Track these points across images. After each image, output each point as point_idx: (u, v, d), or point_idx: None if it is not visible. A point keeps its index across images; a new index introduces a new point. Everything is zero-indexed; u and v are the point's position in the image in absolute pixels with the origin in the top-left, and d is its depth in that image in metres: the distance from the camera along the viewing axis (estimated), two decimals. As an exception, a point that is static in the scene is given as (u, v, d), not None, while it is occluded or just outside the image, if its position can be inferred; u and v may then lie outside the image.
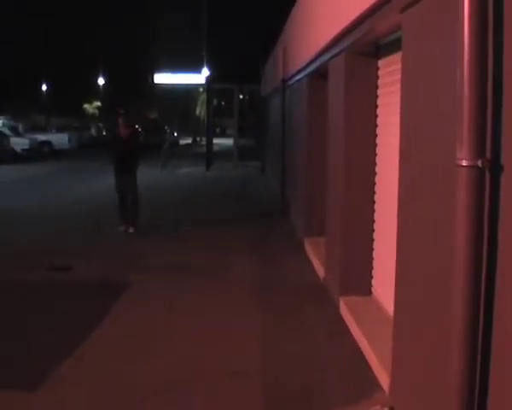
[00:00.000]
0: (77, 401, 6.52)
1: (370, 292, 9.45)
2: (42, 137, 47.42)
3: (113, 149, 16.29)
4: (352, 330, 8.55)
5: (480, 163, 3.96)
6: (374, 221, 9.33)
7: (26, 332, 8.60)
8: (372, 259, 9.41)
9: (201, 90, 61.72)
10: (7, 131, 44.06)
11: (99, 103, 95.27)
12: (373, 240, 9.37)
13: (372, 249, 9.40)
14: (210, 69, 40.62)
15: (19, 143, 42.09)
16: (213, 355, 7.79)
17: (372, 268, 9.43)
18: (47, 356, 7.67)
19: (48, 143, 47.30)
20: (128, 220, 15.81)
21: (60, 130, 53.40)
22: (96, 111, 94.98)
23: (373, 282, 9.44)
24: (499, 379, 3.95)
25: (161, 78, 48.61)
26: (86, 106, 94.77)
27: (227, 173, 34.24)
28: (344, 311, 9.18)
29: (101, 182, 27.73)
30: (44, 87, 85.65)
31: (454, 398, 4.18)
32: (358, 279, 9.49)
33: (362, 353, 7.75)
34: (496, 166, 3.92)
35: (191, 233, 16.02)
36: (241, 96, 62.55)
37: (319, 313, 9.50)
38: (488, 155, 3.98)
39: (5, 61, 69.81)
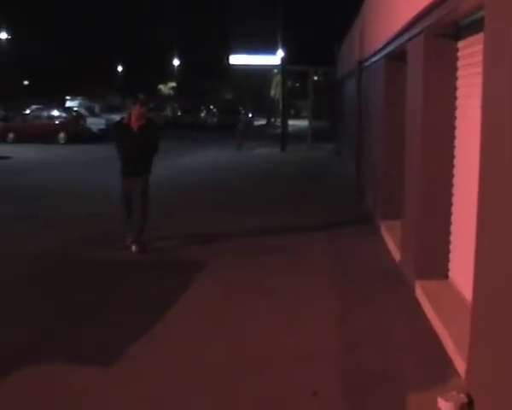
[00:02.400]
0: (149, 379, 6.61)
1: (447, 276, 9.34)
2: (117, 117, 47.80)
3: (119, 144, 12.13)
4: (427, 313, 8.47)
5: None
6: (452, 204, 9.21)
7: (105, 309, 8.79)
8: (449, 242, 9.29)
9: (276, 71, 61.60)
10: (83, 112, 44.72)
11: (174, 84, 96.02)
12: (450, 223, 9.25)
13: (449, 233, 9.28)
14: (285, 51, 40.53)
15: (95, 123, 42.63)
16: (288, 338, 7.81)
17: (449, 252, 9.32)
18: (121, 334, 7.81)
19: (124, 123, 47.68)
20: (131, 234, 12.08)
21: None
22: (171, 92, 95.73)
23: (450, 266, 9.33)
24: None
25: (236, 59, 48.78)
26: (161, 86, 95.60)
27: (302, 155, 34.17)
28: (420, 294, 9.10)
29: (175, 161, 28.10)
30: (120, 69, 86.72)
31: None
32: (435, 263, 9.40)
33: (438, 337, 7.67)
34: None
35: (269, 211, 16.10)
36: (315, 78, 62.29)
37: (395, 296, 9.43)
38: None
39: (82, 44, 70.93)
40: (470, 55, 8.26)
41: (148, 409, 6.00)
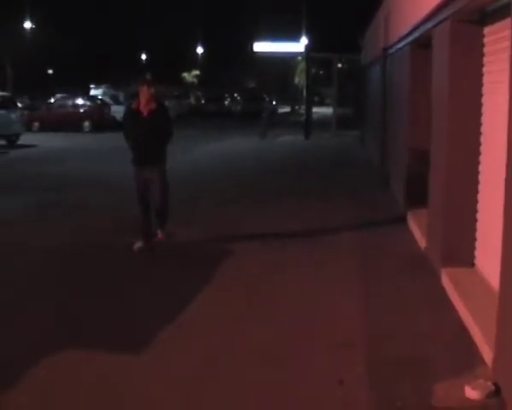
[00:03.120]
0: (176, 366, 6.66)
1: (473, 264, 9.30)
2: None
3: (129, 132, 11.41)
4: (453, 301, 8.44)
5: None
6: (478, 192, 9.15)
7: (125, 296, 8.85)
8: (475, 230, 9.24)
9: (300, 58, 61.47)
10: (108, 100, 44.87)
11: (198, 72, 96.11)
12: (477, 211, 9.20)
13: (476, 220, 9.23)
14: (309, 38, 40.39)
15: (120, 111, 42.66)
16: (312, 326, 7.82)
17: (475, 239, 9.27)
18: (149, 321, 7.88)
19: (148, 111, 47.73)
20: (150, 233, 11.37)
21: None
22: (195, 80, 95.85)
23: (476, 253, 9.28)
24: None
25: (260, 46, 48.64)
26: (185, 75, 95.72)
27: (326, 142, 34.08)
28: (446, 282, 9.06)
29: (200, 149, 28.18)
30: (144, 57, 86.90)
31: None
32: (461, 251, 9.35)
33: (464, 325, 7.63)
34: None
35: (294, 199, 16.13)
36: (339, 65, 62.14)
37: (420, 284, 9.39)
38: None
39: (107, 32, 71.13)
40: (497, 41, 8.20)
41: (173, 395, 6.04)
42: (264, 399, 6.00)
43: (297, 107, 73.32)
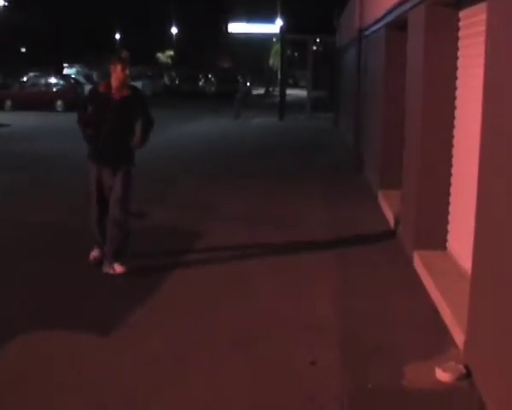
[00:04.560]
0: (147, 348, 6.63)
1: (445, 247, 9.34)
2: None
3: (90, 119, 9.08)
4: (426, 284, 8.47)
5: None
6: (451, 175, 9.18)
7: (96, 279, 8.78)
8: (448, 213, 9.27)
9: (275, 40, 61.34)
10: (82, 79, 44.57)
11: (172, 52, 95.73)
12: (449, 194, 9.23)
13: (448, 203, 9.26)
14: (284, 19, 40.32)
15: (93, 90, 42.44)
16: (285, 308, 7.82)
17: (448, 223, 9.30)
18: (120, 303, 7.83)
19: (122, 91, 47.40)
20: (103, 246, 9.15)
21: (133, 78, 53.86)
22: (169, 60, 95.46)
23: (448, 237, 9.31)
24: None
25: (235, 27, 48.52)
26: (159, 55, 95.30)
27: (300, 124, 34.10)
28: (418, 265, 9.09)
29: (175, 130, 28.14)
30: (118, 36, 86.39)
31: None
32: (433, 233, 9.38)
33: (436, 308, 7.67)
34: None
35: (268, 180, 16.14)
36: (314, 47, 61.95)
37: (392, 266, 9.43)
38: None
39: (80, 11, 70.57)
40: (472, 25, 8.20)
41: (143, 376, 6.01)
42: (235, 380, 6.00)
43: (271, 89, 73.19)
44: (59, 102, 39.75)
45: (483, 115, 6.06)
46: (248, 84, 63.36)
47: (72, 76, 46.48)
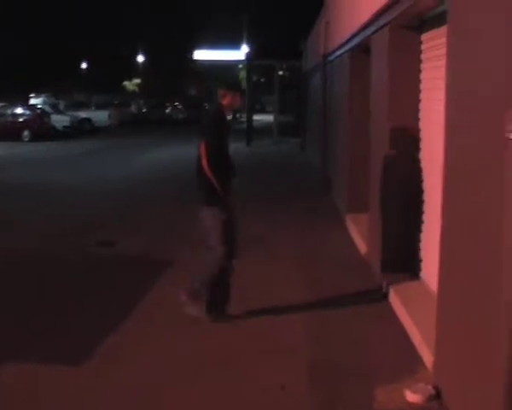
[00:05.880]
0: (120, 376, 6.58)
1: (413, 269, 9.36)
2: (82, 114, 47.76)
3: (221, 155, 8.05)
4: (394, 306, 8.50)
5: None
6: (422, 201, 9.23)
7: (68, 307, 8.68)
8: (419, 240, 9.32)
9: (241, 66, 61.55)
10: (48, 109, 44.39)
11: (139, 80, 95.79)
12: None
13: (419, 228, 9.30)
14: (250, 45, 40.48)
15: (59, 120, 42.37)
16: (256, 328, 7.82)
17: (419, 249, 9.33)
18: (92, 331, 7.75)
19: (88, 120, 47.37)
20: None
21: (100, 107, 53.91)
22: (136, 88, 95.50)
23: (420, 262, 9.34)
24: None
25: (201, 54, 48.61)
26: (126, 83, 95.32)
27: (267, 149, 34.15)
28: (386, 287, 9.11)
29: (145, 156, 28.10)
30: (84, 65, 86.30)
31: (500, 381, 4.13)
32: (400, 256, 9.41)
33: (405, 329, 7.70)
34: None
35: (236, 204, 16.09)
36: (280, 73, 62.17)
37: (361, 290, 9.42)
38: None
39: (46, 40, 70.40)
40: (434, 48, 8.28)
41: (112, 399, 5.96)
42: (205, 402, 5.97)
43: (238, 114, 73.32)
44: (25, 133, 39.43)
45: (446, 138, 6.11)
46: (215, 110, 63.29)
47: (39, 106, 46.22)
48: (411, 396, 5.95)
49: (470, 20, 5.41)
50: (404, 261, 9.32)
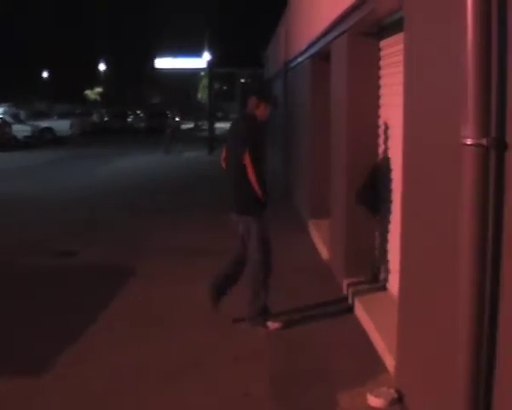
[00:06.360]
0: (80, 387, 6.52)
1: (375, 274, 9.42)
2: (44, 123, 47.27)
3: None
4: (357, 312, 8.54)
5: (484, 142, 3.93)
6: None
7: (29, 318, 8.60)
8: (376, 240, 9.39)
9: (203, 74, 61.55)
10: (8, 119, 44.02)
11: (101, 89, 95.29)
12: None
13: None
14: (211, 53, 40.49)
15: (21, 129, 42.10)
16: (215, 337, 7.82)
17: (376, 250, 9.40)
18: (53, 342, 7.67)
19: (50, 129, 46.98)
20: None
21: (62, 116, 53.52)
22: (98, 97, 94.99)
23: (378, 264, 9.40)
24: (506, 366, 3.92)
25: (162, 62, 48.56)
26: (88, 92, 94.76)
27: (230, 157, 34.13)
28: (349, 293, 9.15)
29: (107, 166, 27.95)
30: (45, 74, 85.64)
31: (460, 384, 4.17)
32: (363, 262, 9.46)
33: (367, 334, 7.74)
34: (501, 145, 3.89)
35: (198, 212, 16.13)
36: (242, 80, 62.29)
37: (325, 296, 9.43)
38: (493, 133, 3.95)
39: (6, 49, 69.78)
40: (392, 55, 8.35)
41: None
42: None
43: (200, 123, 73.28)
44: (-14, 143, 39.13)
45: (404, 143, 6.16)
46: (177, 118, 63.32)
47: (0, 116, 45.83)
48: (374, 400, 5.98)
49: (425, 27, 5.46)
50: (367, 266, 9.38)
